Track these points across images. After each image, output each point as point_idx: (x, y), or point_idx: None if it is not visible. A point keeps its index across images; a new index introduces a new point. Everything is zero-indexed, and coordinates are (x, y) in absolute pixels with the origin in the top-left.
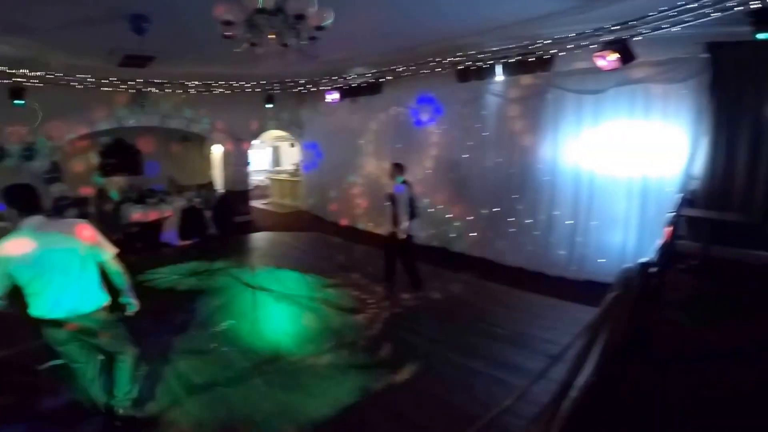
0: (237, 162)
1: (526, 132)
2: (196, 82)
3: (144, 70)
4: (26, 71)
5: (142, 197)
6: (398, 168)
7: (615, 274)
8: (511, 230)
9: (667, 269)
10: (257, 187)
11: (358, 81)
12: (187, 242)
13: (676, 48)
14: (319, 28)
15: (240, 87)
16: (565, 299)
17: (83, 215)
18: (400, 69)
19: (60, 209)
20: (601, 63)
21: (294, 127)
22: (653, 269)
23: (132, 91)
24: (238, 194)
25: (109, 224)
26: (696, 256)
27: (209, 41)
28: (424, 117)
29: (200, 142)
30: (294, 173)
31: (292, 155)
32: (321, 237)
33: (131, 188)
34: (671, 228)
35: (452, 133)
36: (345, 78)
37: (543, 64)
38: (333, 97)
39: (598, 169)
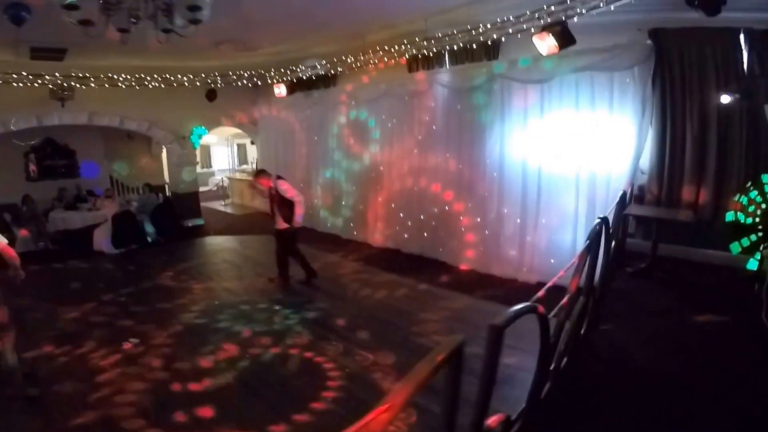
0: (182, 162)
1: (474, 125)
2: (126, 76)
3: (62, 63)
4: None
5: (74, 202)
6: (264, 173)
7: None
8: (461, 230)
9: (612, 274)
10: (219, 187)
11: (310, 73)
12: (121, 250)
13: (620, 34)
14: (194, 8)
15: (177, 81)
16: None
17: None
18: (351, 60)
19: None
20: (540, 46)
21: (248, 124)
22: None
23: (51, 87)
24: (187, 196)
25: (33, 231)
26: (645, 257)
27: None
28: (375, 111)
29: (149, 141)
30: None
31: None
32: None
33: (62, 192)
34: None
35: (402, 126)
36: (296, 70)
37: (489, 52)
38: (280, 91)
39: (545, 164)
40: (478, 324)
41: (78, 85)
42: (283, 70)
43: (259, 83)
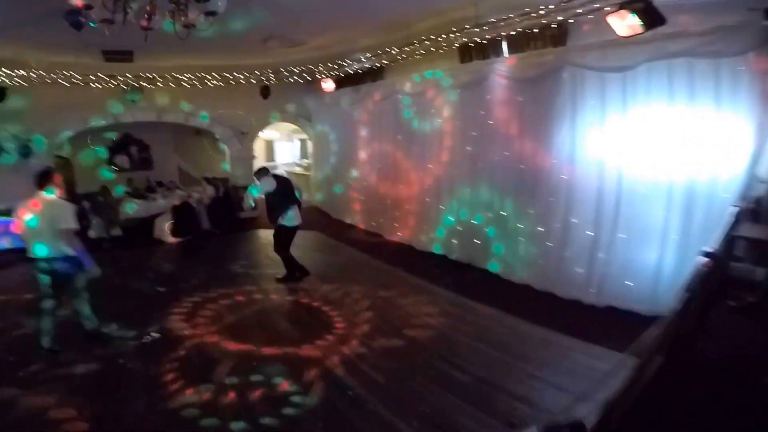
0: (241, 156)
1: (539, 120)
2: (189, 75)
3: (132, 64)
4: (7, 71)
5: (143, 192)
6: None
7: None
8: (519, 239)
9: (709, 309)
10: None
11: (357, 67)
12: (178, 239)
13: (724, 13)
14: None
15: (234, 79)
16: (574, 334)
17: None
18: (395, 51)
19: None
20: (618, 27)
21: (302, 119)
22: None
23: (123, 87)
24: (244, 189)
25: (108, 219)
26: (756, 288)
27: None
28: (425, 106)
29: (213, 136)
30: (308, 167)
31: None
32: (317, 237)
33: (134, 183)
34: (722, 250)
35: (455, 122)
36: (344, 65)
37: (555, 37)
38: (328, 86)
39: (628, 168)
40: (524, 354)
41: (146, 85)
42: (330, 65)
43: (309, 79)
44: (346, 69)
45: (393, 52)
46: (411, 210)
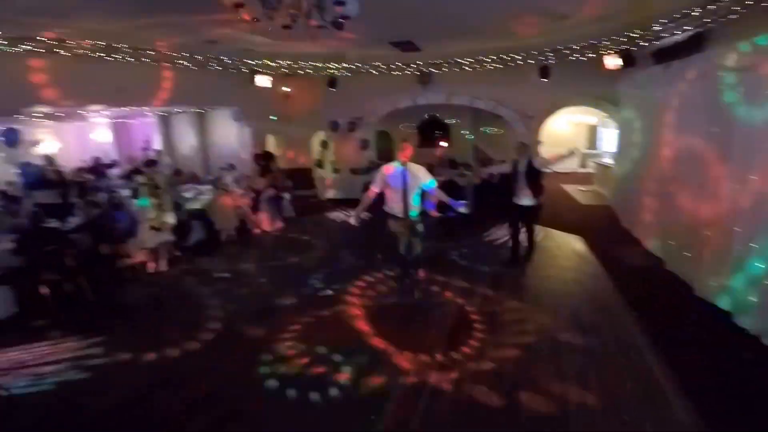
0: (526, 140)
1: None
2: (470, 59)
3: (421, 53)
4: (336, 65)
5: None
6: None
7: None
8: None
9: None
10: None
11: (668, 40)
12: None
13: None
14: (339, 2)
15: (511, 60)
16: None
17: None
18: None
19: (369, 169)
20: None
21: (606, 103)
22: None
23: (416, 73)
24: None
25: None
26: None
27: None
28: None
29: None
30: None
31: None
32: (574, 246)
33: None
34: None
35: None
36: (637, 36)
37: None
38: (615, 62)
39: None
40: None
41: (435, 71)
42: (615, 38)
43: (593, 56)
44: (655, 43)
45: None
46: (709, 237)
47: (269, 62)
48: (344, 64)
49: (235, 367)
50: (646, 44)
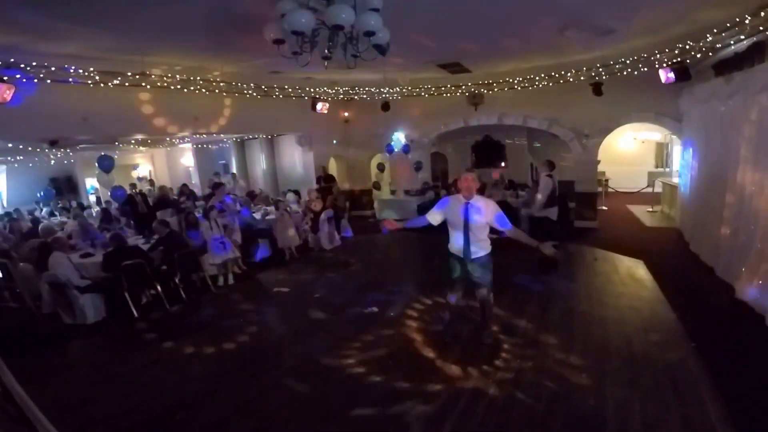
0: (582, 159)
1: None
2: (519, 78)
3: (472, 74)
4: (389, 88)
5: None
6: None
7: None
8: None
9: None
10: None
11: (727, 51)
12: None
13: None
14: (369, 33)
15: (562, 77)
16: None
17: (436, 196)
18: None
19: (423, 191)
20: None
21: (668, 119)
22: None
23: (466, 94)
24: (584, 196)
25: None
26: None
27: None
28: None
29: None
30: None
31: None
32: (634, 270)
33: (500, 178)
34: None
35: None
36: (693, 48)
37: None
38: (667, 76)
39: None
40: None
41: (486, 91)
42: (668, 51)
43: (645, 69)
44: (711, 54)
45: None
46: None
47: (328, 90)
48: (396, 89)
49: (280, 371)
50: (702, 56)
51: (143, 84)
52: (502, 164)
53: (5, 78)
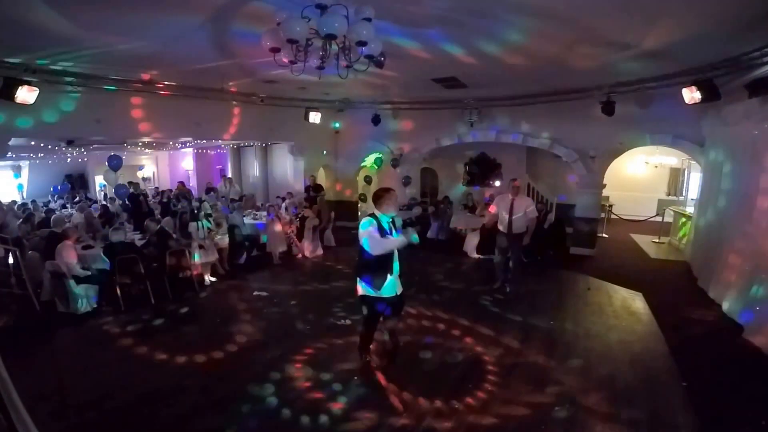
0: (586, 182)
1: None
2: (522, 94)
3: (466, 90)
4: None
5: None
6: None
7: None
8: None
9: None
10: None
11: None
12: (480, 257)
13: None
14: (361, 43)
15: (568, 94)
16: None
17: (423, 212)
18: None
19: (410, 206)
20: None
21: (687, 143)
22: None
23: (462, 110)
24: (583, 221)
25: (440, 225)
26: None
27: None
28: None
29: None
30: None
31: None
32: (636, 320)
33: (472, 197)
34: None
35: None
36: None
37: None
38: (692, 96)
39: None
40: None
41: (483, 106)
42: (693, 68)
43: (667, 89)
44: (746, 72)
45: None
46: None
47: (321, 100)
48: (388, 102)
49: (247, 375)
50: (731, 74)
51: (150, 91)
52: (497, 183)
53: (30, 80)
